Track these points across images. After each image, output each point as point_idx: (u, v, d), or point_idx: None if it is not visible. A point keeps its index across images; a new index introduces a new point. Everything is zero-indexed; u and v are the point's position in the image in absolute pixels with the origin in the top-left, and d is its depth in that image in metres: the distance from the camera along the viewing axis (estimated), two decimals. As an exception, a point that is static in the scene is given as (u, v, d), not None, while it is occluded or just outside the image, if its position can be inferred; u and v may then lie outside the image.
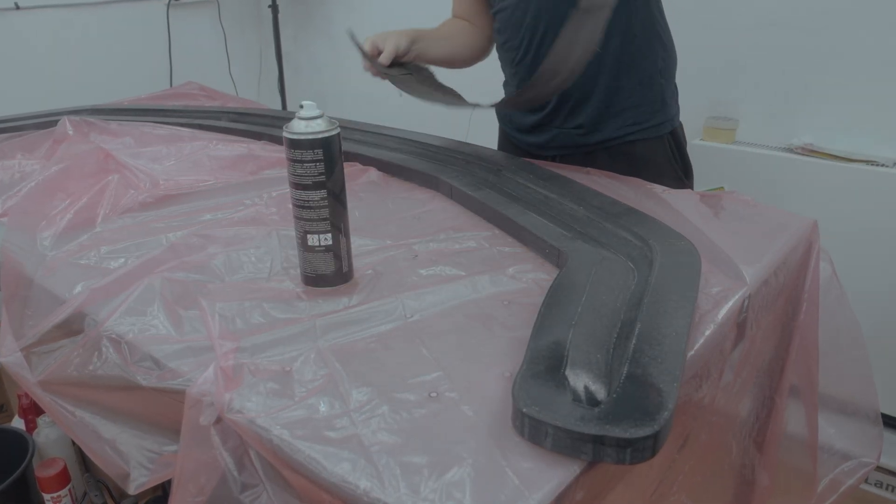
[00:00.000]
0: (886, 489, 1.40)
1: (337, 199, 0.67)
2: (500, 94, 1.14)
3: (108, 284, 0.69)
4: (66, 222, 0.86)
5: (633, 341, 0.54)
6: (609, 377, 0.51)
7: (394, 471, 0.45)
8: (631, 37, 0.98)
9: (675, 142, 1.07)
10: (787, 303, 0.77)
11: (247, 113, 1.29)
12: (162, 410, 0.59)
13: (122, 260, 0.77)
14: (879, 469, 1.39)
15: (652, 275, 0.64)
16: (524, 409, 0.47)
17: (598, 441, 0.44)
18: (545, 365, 0.52)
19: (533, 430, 0.46)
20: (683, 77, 1.08)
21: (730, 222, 0.80)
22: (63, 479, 0.91)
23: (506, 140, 1.20)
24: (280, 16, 2.40)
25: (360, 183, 0.98)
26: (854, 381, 0.80)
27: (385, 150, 1.07)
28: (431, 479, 0.45)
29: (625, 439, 0.44)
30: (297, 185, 0.66)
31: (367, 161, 1.04)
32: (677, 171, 1.07)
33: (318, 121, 0.64)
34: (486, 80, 1.20)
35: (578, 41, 0.79)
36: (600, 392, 0.50)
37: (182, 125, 1.19)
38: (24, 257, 0.79)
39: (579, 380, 0.51)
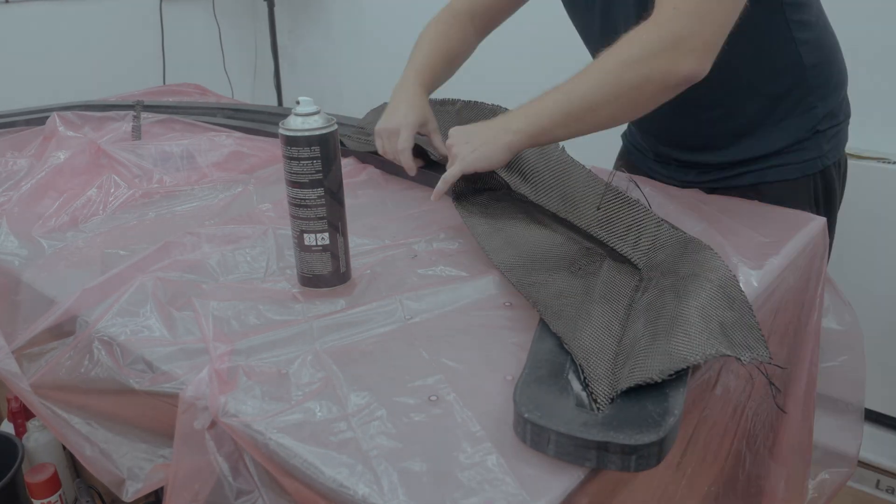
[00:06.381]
0: (888, 492, 1.39)
1: (334, 197, 0.65)
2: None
3: (99, 284, 0.68)
4: (57, 221, 0.85)
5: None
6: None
7: (392, 476, 0.45)
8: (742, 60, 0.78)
9: (826, 183, 0.86)
10: (795, 306, 0.76)
11: (242, 109, 1.28)
12: (155, 414, 0.58)
13: (114, 259, 0.75)
14: (884, 472, 1.37)
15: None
16: (526, 415, 0.46)
17: (602, 448, 0.44)
18: (548, 369, 0.51)
19: (535, 436, 0.45)
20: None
21: (737, 221, 0.79)
22: (53, 484, 0.89)
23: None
24: (276, 9, 2.38)
25: (358, 181, 0.97)
26: (844, 378, 0.78)
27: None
28: (431, 485, 0.44)
29: (629, 446, 0.43)
30: (293, 183, 0.65)
31: (367, 158, 1.02)
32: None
33: (315, 117, 0.63)
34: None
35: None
36: (604, 397, 0.48)
37: (176, 121, 1.17)
38: (15, 257, 0.78)
39: (582, 384, 0.50)
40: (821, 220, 0.80)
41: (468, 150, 0.75)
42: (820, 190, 0.87)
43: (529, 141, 0.74)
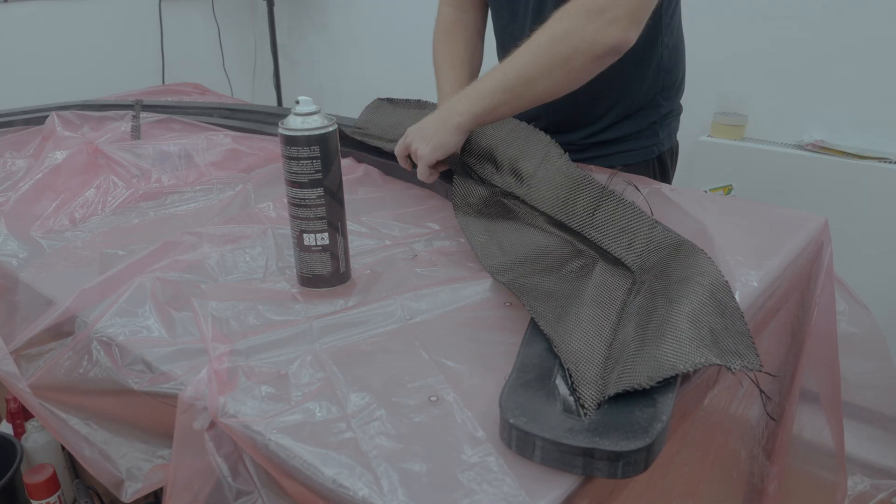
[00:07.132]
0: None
1: (334, 197, 0.65)
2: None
3: (98, 285, 0.68)
4: (55, 221, 0.85)
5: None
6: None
7: (392, 477, 0.45)
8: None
9: (661, 166, 0.99)
10: (796, 306, 0.76)
11: (241, 109, 1.28)
12: (154, 415, 0.58)
13: (113, 259, 0.75)
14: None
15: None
16: (511, 420, 0.45)
17: (588, 454, 0.43)
18: (535, 373, 0.51)
19: (520, 442, 0.45)
20: (691, 71, 1.05)
21: (737, 221, 0.79)
22: (52, 485, 0.89)
23: None
24: (275, 9, 2.37)
25: (358, 179, 0.96)
26: (878, 389, 0.78)
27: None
28: (431, 486, 0.44)
29: (616, 452, 0.42)
30: (292, 183, 0.64)
31: (364, 158, 1.02)
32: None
33: (315, 117, 0.63)
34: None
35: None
36: (592, 402, 0.48)
37: (176, 121, 1.17)
38: (13, 257, 0.77)
39: (570, 389, 0.49)
40: (821, 220, 0.80)
41: (426, 146, 0.80)
42: (657, 172, 0.98)
43: (475, 121, 0.78)
